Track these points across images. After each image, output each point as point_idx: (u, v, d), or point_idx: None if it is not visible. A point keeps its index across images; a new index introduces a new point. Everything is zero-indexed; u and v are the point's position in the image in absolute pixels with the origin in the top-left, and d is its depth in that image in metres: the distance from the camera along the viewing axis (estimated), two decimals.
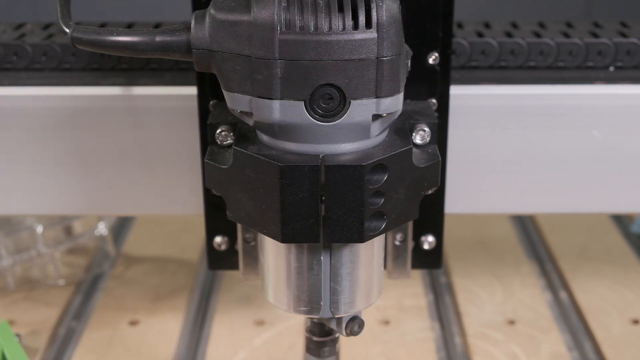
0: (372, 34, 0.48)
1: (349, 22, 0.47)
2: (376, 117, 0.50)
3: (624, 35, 0.72)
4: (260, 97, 0.49)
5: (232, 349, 0.81)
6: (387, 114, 0.50)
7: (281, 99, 0.49)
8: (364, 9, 0.48)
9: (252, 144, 0.53)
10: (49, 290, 0.91)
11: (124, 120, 0.71)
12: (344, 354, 0.80)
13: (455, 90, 0.65)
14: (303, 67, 0.48)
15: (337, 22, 0.47)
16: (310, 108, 0.49)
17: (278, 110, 0.49)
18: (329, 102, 0.49)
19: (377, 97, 0.49)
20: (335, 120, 0.49)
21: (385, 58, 0.48)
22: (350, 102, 0.49)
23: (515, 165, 0.72)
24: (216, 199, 0.60)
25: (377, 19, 0.47)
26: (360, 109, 0.49)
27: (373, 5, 0.47)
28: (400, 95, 0.51)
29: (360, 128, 0.50)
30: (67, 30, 0.53)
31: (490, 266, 0.95)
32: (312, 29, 0.47)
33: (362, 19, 0.47)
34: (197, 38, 0.51)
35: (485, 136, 0.71)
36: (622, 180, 0.72)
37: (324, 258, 0.54)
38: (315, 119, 0.49)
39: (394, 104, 0.50)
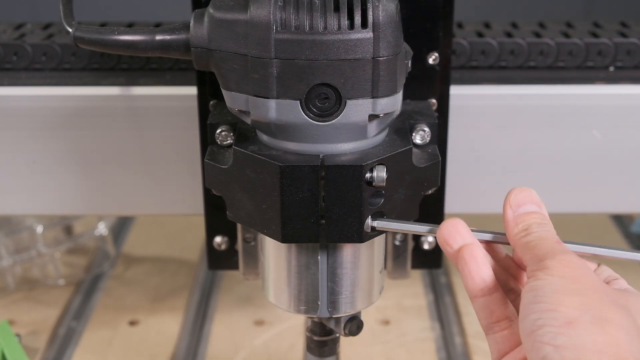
0: (368, 34, 0.48)
1: (345, 22, 0.48)
2: (373, 117, 0.50)
3: (624, 35, 0.72)
4: (256, 96, 0.49)
5: (232, 349, 0.81)
6: (384, 114, 0.50)
7: (277, 98, 0.49)
8: (360, 8, 0.48)
9: (252, 143, 0.53)
10: (49, 290, 0.91)
11: (124, 120, 0.71)
12: (344, 354, 0.80)
13: (455, 90, 0.65)
14: (298, 66, 0.48)
15: (332, 22, 0.47)
16: (306, 107, 0.49)
17: (274, 109, 0.49)
18: (324, 101, 0.49)
19: (373, 97, 0.49)
20: (331, 120, 0.49)
21: (381, 58, 0.48)
22: (345, 102, 0.49)
23: (515, 165, 0.72)
24: (216, 199, 0.60)
25: (373, 19, 0.47)
26: (356, 109, 0.49)
27: (369, 5, 0.47)
28: (398, 96, 0.51)
29: (357, 128, 0.50)
30: (70, 30, 0.53)
31: None
32: (308, 28, 0.47)
33: (357, 18, 0.47)
34: (196, 37, 0.51)
35: (485, 136, 0.71)
36: (622, 180, 0.72)
37: (321, 258, 0.54)
38: (311, 118, 0.49)
39: (391, 104, 0.50)
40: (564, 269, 0.44)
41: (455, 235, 0.50)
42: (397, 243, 0.65)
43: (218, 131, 0.57)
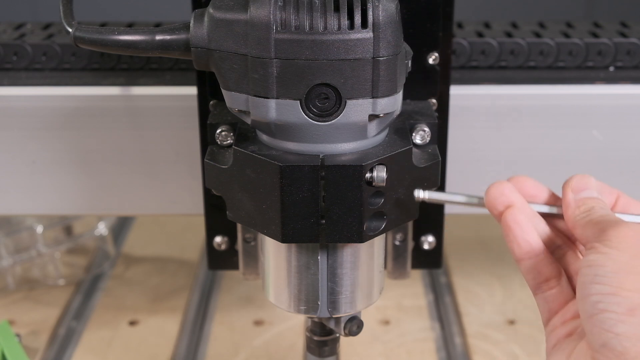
0: (368, 34, 0.48)
1: (345, 22, 0.47)
2: (373, 117, 0.50)
3: (624, 35, 0.72)
4: (256, 96, 0.49)
5: (232, 349, 0.81)
6: (384, 114, 0.50)
7: (277, 98, 0.49)
8: (360, 8, 0.48)
9: (252, 143, 0.53)
10: (49, 290, 0.91)
11: (124, 120, 0.71)
12: (344, 354, 0.80)
13: (455, 90, 0.65)
14: (298, 66, 0.48)
15: (332, 22, 0.47)
16: (306, 107, 0.49)
17: (274, 109, 0.49)
18: (324, 101, 0.49)
19: (373, 97, 0.49)
20: (331, 120, 0.49)
21: (381, 58, 0.48)
22: (345, 102, 0.49)
23: (515, 165, 0.72)
24: (216, 199, 0.60)
25: (373, 19, 0.47)
26: (356, 109, 0.49)
27: (369, 5, 0.47)
28: (398, 96, 0.51)
29: (357, 128, 0.50)
30: (70, 30, 0.53)
31: (490, 266, 0.95)
32: (308, 28, 0.47)
33: (357, 18, 0.47)
34: (196, 37, 0.51)
35: (485, 136, 0.71)
36: (622, 180, 0.72)
37: (321, 258, 0.54)
38: (311, 118, 0.49)
39: (391, 104, 0.50)
40: (627, 240, 0.43)
41: (500, 197, 0.50)
42: (397, 243, 0.65)
43: (218, 131, 0.57)
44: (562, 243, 0.51)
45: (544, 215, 0.51)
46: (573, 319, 0.48)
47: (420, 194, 0.52)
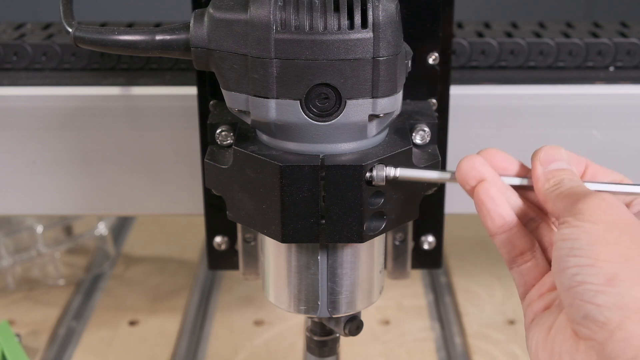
0: (367, 34, 0.48)
1: (345, 22, 0.48)
2: (373, 117, 0.50)
3: (624, 35, 0.72)
4: (256, 96, 0.49)
5: (232, 349, 0.81)
6: (384, 114, 0.50)
7: (277, 98, 0.49)
8: (359, 8, 0.48)
9: (252, 143, 0.53)
10: (49, 290, 0.91)
11: (124, 120, 0.71)
12: (344, 354, 0.80)
13: (455, 90, 0.65)
14: (298, 66, 0.48)
15: (332, 22, 0.47)
16: (306, 107, 0.49)
17: (274, 109, 0.49)
18: (324, 101, 0.49)
19: (373, 97, 0.49)
20: (331, 120, 0.49)
21: (381, 58, 0.48)
22: (345, 102, 0.49)
23: None
24: (216, 199, 0.60)
25: (373, 19, 0.47)
26: (356, 109, 0.49)
27: (369, 5, 0.47)
28: (398, 96, 0.51)
29: (357, 128, 0.50)
30: (70, 30, 0.53)
31: (490, 266, 0.95)
32: (308, 28, 0.47)
33: (357, 18, 0.47)
34: (196, 37, 0.51)
35: (485, 136, 0.71)
36: None
37: (321, 258, 0.54)
38: (311, 118, 0.49)
39: (391, 104, 0.50)
40: (598, 212, 0.43)
41: (472, 172, 0.49)
42: (397, 243, 0.65)
43: (218, 131, 0.57)
44: (535, 215, 0.51)
45: (516, 188, 0.51)
46: (549, 292, 0.48)
47: (392, 172, 0.51)
